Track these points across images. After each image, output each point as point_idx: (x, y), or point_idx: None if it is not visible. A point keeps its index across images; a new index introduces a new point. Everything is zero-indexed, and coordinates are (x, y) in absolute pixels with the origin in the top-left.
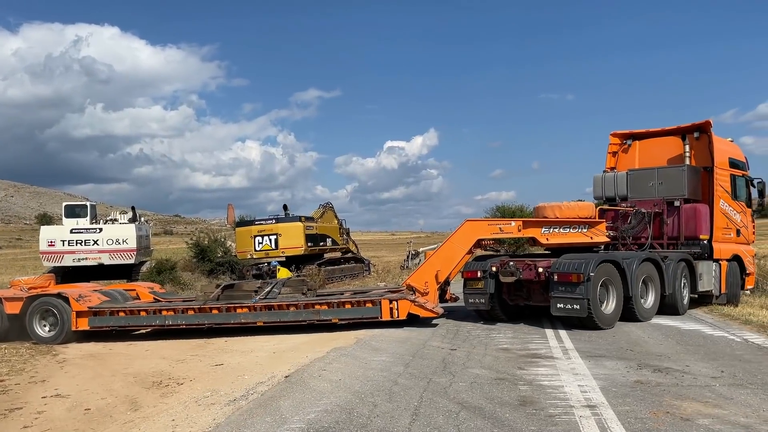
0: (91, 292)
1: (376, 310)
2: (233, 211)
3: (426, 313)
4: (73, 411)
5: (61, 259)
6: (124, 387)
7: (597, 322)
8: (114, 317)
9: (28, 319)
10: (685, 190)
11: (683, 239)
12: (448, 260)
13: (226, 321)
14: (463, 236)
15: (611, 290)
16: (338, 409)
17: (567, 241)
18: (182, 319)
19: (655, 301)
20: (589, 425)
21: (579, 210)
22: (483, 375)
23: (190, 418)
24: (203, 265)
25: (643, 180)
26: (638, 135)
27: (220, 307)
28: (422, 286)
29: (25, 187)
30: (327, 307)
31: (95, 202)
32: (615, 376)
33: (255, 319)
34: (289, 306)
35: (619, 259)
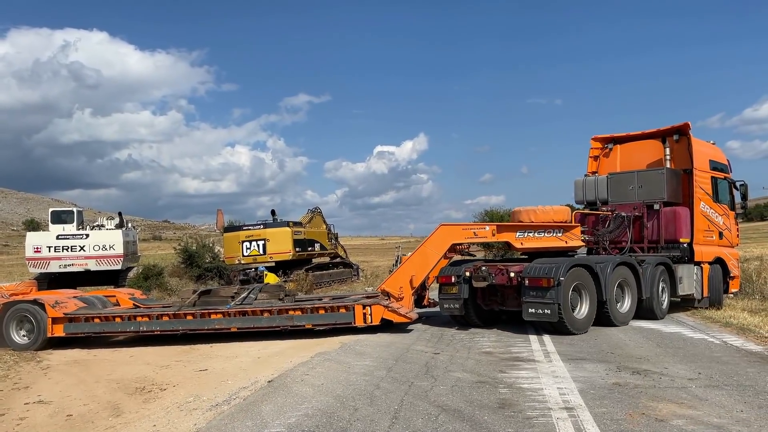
0: (68, 299)
1: (350, 316)
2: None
3: (399, 319)
4: (55, 417)
5: (47, 266)
6: (107, 393)
7: (568, 327)
8: (89, 324)
9: (5, 326)
10: (665, 193)
11: (663, 242)
12: (422, 265)
13: (200, 327)
14: (438, 241)
15: (584, 294)
16: (319, 413)
17: (542, 245)
18: (157, 326)
19: (632, 306)
20: (566, 426)
21: (554, 214)
22: (464, 378)
23: (171, 423)
24: (191, 271)
25: (623, 183)
26: (619, 139)
27: (194, 313)
28: (397, 291)
29: (12, 193)
30: (301, 312)
31: (83, 208)
32: (594, 379)
33: (229, 324)
34: (263, 312)
35: (591, 263)
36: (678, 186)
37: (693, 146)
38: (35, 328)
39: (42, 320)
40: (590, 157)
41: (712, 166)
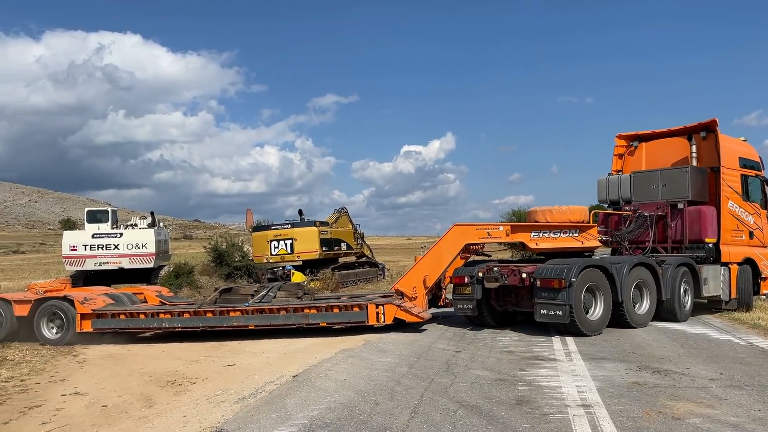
0: (96, 296)
1: (363, 315)
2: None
3: (412, 318)
4: (90, 408)
5: (83, 263)
6: (140, 385)
7: (581, 328)
8: (115, 319)
9: (36, 321)
10: (689, 191)
11: (687, 242)
12: (436, 265)
13: (219, 324)
14: (451, 241)
15: (598, 296)
16: (341, 406)
17: (557, 245)
18: (178, 322)
19: (650, 307)
20: (581, 423)
21: (570, 214)
22: (484, 376)
23: (200, 414)
24: (221, 269)
25: (647, 182)
26: (645, 136)
27: (214, 311)
28: (410, 290)
29: (48, 193)
30: (316, 311)
31: (117, 207)
32: (613, 378)
33: (246, 322)
34: (279, 310)
35: (606, 264)
36: (704, 184)
37: (720, 143)
38: (65, 324)
39: (71, 316)
40: (615, 155)
41: (742, 164)
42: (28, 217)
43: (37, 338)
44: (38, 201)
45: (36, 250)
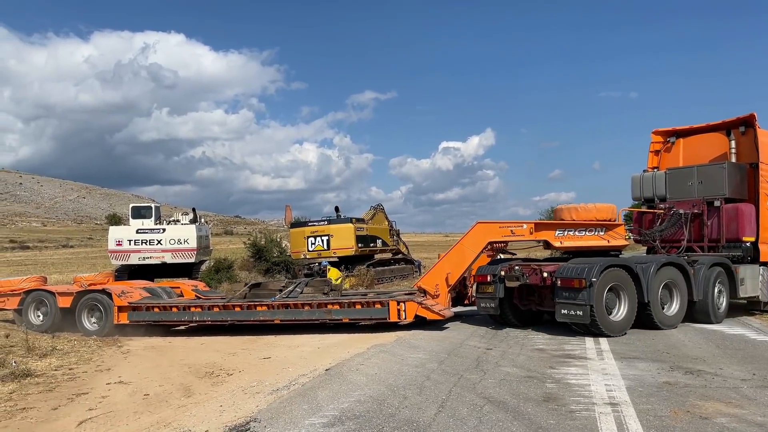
0: (134, 289)
1: (384, 311)
2: (291, 212)
3: (433, 316)
4: (133, 396)
5: (127, 258)
6: (180, 376)
7: (602, 329)
8: (149, 312)
9: (77, 313)
10: (726, 188)
11: (724, 241)
12: (458, 263)
13: (246, 318)
14: (474, 238)
15: (623, 296)
16: (370, 399)
17: (582, 244)
18: (208, 316)
19: (681, 308)
20: (607, 421)
21: (596, 212)
22: (513, 373)
23: (236, 404)
24: (260, 265)
25: (683, 179)
26: (682, 132)
27: (242, 305)
28: (433, 288)
29: (95, 189)
30: (339, 306)
31: (160, 203)
32: (644, 377)
33: (272, 316)
34: (303, 305)
35: (631, 263)
36: (743, 181)
37: (759, 138)
38: (103, 316)
39: (109, 308)
40: (651, 151)
41: None
42: (76, 212)
43: (78, 329)
44: (86, 197)
45: (84, 245)
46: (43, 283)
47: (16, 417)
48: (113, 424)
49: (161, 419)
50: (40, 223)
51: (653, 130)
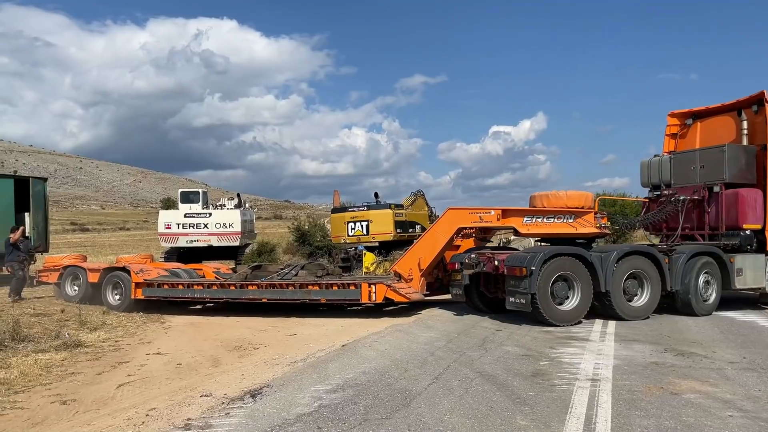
0: (152, 268)
1: (357, 293)
2: (339, 197)
3: (399, 298)
4: (167, 365)
5: (176, 240)
6: (211, 349)
7: (546, 318)
8: (160, 289)
9: (103, 288)
10: (726, 173)
11: (723, 229)
12: (430, 248)
13: (239, 296)
14: (445, 225)
15: (575, 285)
16: (374, 371)
17: (549, 231)
18: (207, 293)
19: (651, 299)
20: (582, 394)
21: (567, 199)
22: (513, 352)
23: (255, 373)
24: (303, 249)
25: (686, 164)
26: (699, 113)
27: (236, 284)
28: (407, 272)
29: (151, 173)
30: (318, 287)
31: (211, 187)
32: (635, 358)
33: (260, 295)
34: (288, 285)
35: (584, 252)
36: (749, 165)
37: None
38: (123, 291)
39: (128, 284)
40: (667, 135)
41: None
42: (133, 196)
43: (103, 303)
44: (142, 181)
45: (139, 227)
46: (81, 260)
47: (66, 380)
48: (147, 387)
49: (188, 384)
50: (99, 206)
51: (669, 112)
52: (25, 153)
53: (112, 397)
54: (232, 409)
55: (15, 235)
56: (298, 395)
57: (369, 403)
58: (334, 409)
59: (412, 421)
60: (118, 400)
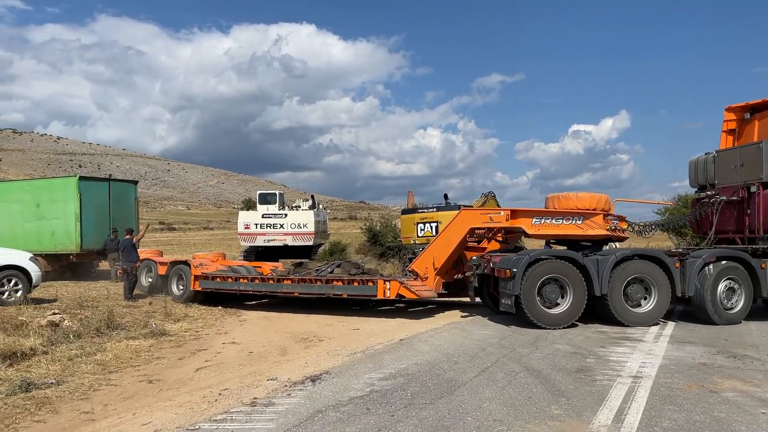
0: (210, 263)
1: (374, 289)
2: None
3: (410, 295)
4: (240, 353)
5: (254, 240)
6: (281, 340)
7: (533, 320)
8: (213, 281)
9: (169, 280)
10: (764, 171)
11: (761, 232)
12: (443, 248)
13: (276, 290)
14: (458, 225)
15: (568, 289)
16: (426, 363)
17: (557, 232)
18: (251, 287)
19: (659, 305)
20: (620, 389)
21: (577, 201)
22: (563, 350)
23: (317, 362)
24: (375, 249)
25: (728, 162)
26: (758, 107)
27: (273, 278)
28: (423, 271)
29: (233, 175)
30: (342, 283)
31: (290, 188)
32: (684, 358)
33: (292, 289)
34: (316, 281)
35: (575, 255)
36: None
37: None
38: (185, 283)
39: (188, 277)
40: (723, 131)
41: None
42: (216, 197)
43: (169, 294)
44: (225, 182)
45: (222, 227)
46: (156, 255)
47: (152, 363)
48: (221, 371)
49: (257, 370)
50: (185, 206)
51: (727, 106)
52: (118, 156)
53: (191, 378)
54: (293, 391)
55: (139, 235)
56: (353, 381)
57: (416, 390)
58: (384, 394)
59: (453, 406)
60: (195, 381)
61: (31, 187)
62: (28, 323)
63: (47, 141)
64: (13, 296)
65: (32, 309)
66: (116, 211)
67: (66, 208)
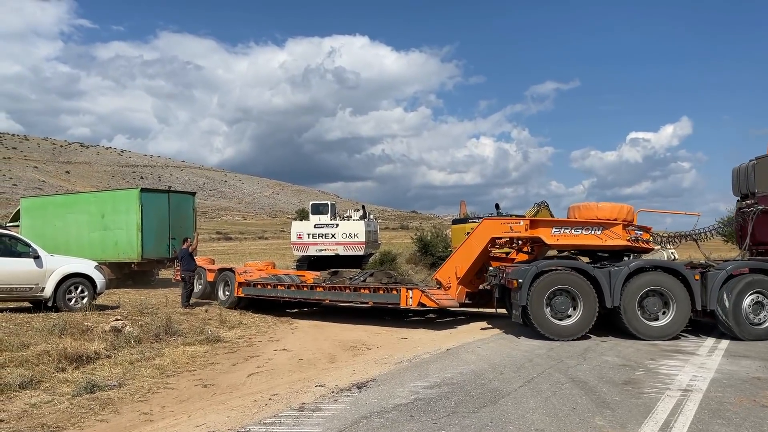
0: (255, 271)
1: (397, 297)
2: (465, 207)
3: (431, 304)
4: (291, 360)
5: (306, 249)
6: (330, 348)
7: (541, 331)
8: (254, 288)
9: (216, 285)
10: None
11: None
12: (466, 257)
13: (309, 296)
14: (480, 234)
15: (578, 300)
16: (471, 373)
17: (577, 242)
18: (287, 293)
19: (677, 318)
20: (667, 402)
21: (597, 211)
22: (611, 362)
23: (365, 370)
24: (426, 259)
25: (766, 169)
26: None
27: (306, 286)
28: (446, 280)
29: (288, 186)
30: (369, 291)
31: (342, 198)
32: (738, 372)
33: (323, 297)
34: (345, 288)
35: (585, 266)
36: None
37: None
38: (230, 289)
39: (233, 283)
40: None
41: None
42: (271, 207)
43: (215, 298)
44: (279, 193)
45: (277, 237)
46: (209, 263)
47: (207, 368)
48: (272, 377)
49: (306, 376)
50: (241, 216)
51: None
52: (178, 168)
53: (243, 383)
54: (340, 397)
55: (192, 244)
56: (399, 389)
57: (460, 398)
58: (428, 402)
59: (496, 415)
60: (247, 386)
61: (96, 198)
62: (93, 328)
63: (112, 154)
64: (79, 302)
65: (97, 315)
66: (175, 221)
67: (128, 218)
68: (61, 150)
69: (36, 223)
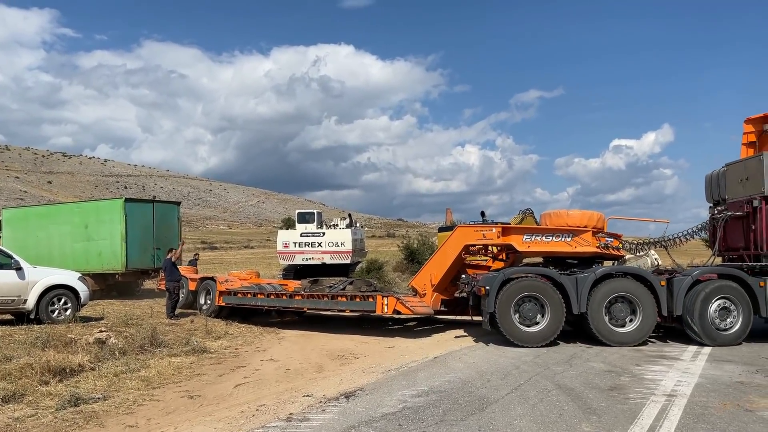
0: (236, 279)
1: (373, 305)
2: (451, 215)
3: (405, 311)
4: (278, 370)
5: (293, 258)
6: (317, 357)
7: (509, 338)
8: (234, 297)
9: (198, 294)
10: (765, 185)
11: (765, 249)
12: (440, 264)
13: (288, 305)
14: (454, 242)
15: (546, 307)
16: (458, 380)
17: (548, 249)
18: (265, 302)
19: (643, 324)
20: (652, 407)
21: (567, 218)
22: (597, 368)
23: (352, 379)
24: (412, 266)
25: (736, 176)
26: None
27: (286, 294)
28: (421, 288)
29: (273, 194)
30: (345, 299)
31: (328, 207)
32: (721, 377)
33: (302, 305)
34: (322, 296)
35: (552, 273)
36: None
37: None
38: (212, 297)
39: (214, 292)
40: (743, 144)
41: None
42: (257, 216)
43: (197, 307)
44: (265, 202)
45: (263, 246)
46: (191, 272)
47: (193, 379)
48: (259, 388)
49: (294, 386)
50: (226, 225)
51: (746, 118)
52: (162, 177)
53: (230, 394)
54: (328, 407)
55: (176, 254)
56: (386, 398)
57: (448, 406)
58: (416, 410)
59: (483, 423)
60: (234, 397)
61: (80, 209)
62: (77, 340)
63: (95, 164)
64: (62, 314)
65: (80, 327)
66: (160, 231)
67: (112, 229)
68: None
69: (18, 234)
